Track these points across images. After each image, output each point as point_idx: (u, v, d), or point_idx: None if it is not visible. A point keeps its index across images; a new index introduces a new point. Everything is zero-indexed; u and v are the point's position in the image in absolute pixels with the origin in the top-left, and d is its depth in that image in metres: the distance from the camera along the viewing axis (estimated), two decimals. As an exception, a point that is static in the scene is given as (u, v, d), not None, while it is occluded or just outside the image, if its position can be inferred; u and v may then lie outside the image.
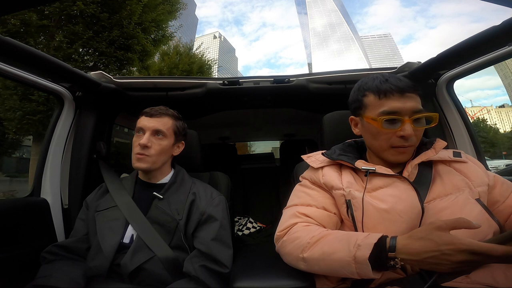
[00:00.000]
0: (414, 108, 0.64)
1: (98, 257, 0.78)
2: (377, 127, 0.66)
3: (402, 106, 0.64)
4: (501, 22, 0.69)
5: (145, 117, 0.89)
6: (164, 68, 9.77)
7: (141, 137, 0.87)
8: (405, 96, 0.64)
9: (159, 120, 0.89)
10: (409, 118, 0.64)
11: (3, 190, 10.42)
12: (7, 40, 0.70)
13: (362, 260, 0.51)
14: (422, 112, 0.65)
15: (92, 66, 6.26)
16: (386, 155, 0.69)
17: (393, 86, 0.65)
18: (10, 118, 5.79)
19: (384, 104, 0.65)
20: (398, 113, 0.64)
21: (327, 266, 0.58)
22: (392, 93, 0.65)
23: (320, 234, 0.61)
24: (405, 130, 0.63)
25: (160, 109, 0.91)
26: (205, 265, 0.76)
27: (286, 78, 1.21)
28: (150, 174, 0.92)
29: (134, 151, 0.87)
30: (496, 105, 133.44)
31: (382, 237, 0.54)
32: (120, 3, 6.01)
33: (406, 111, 0.64)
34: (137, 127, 0.90)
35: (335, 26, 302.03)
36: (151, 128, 0.88)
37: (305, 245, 0.61)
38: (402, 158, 0.68)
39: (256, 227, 1.82)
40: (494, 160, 21.10)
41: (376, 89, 0.67)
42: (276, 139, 3.08)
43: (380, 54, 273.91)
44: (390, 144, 0.66)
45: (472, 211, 0.62)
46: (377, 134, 0.68)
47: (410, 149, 0.68)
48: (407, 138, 0.64)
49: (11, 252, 0.87)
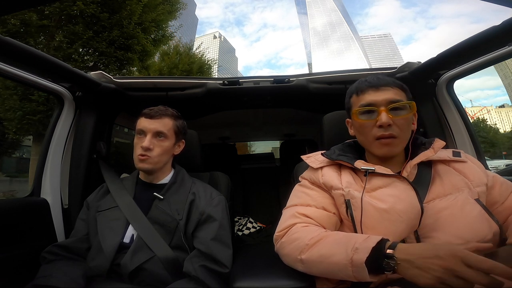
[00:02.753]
0: (390, 99, 0.68)
1: (99, 257, 0.78)
2: (357, 121, 0.72)
3: (376, 99, 0.69)
4: (501, 22, 0.69)
5: (145, 119, 0.89)
6: (164, 68, 9.76)
7: (142, 139, 0.87)
8: (380, 90, 0.70)
9: (159, 121, 0.89)
10: (385, 108, 0.67)
11: (3, 190, 10.42)
12: (7, 40, 0.70)
13: (358, 264, 0.51)
14: (398, 102, 0.68)
15: (92, 66, 6.25)
16: (373, 149, 0.71)
17: (368, 83, 0.72)
18: (10, 118, 5.78)
19: (361, 99, 0.72)
20: (373, 104, 0.69)
21: (325, 268, 0.58)
22: (367, 89, 0.71)
23: (318, 236, 0.61)
24: (381, 119, 0.67)
25: (159, 110, 0.91)
26: (205, 265, 0.76)
27: (286, 78, 1.21)
28: (152, 175, 0.92)
29: (137, 153, 0.87)
30: (496, 105, 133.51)
31: (382, 240, 0.53)
32: (120, 3, 6.01)
33: (381, 102, 0.68)
34: (137, 129, 0.89)
35: (335, 26, 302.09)
36: (152, 130, 0.88)
37: (303, 247, 0.61)
38: (388, 151, 0.69)
39: (256, 227, 1.82)
40: (494, 160, 21.10)
41: (355, 89, 0.75)
42: (276, 139, 3.08)
43: (380, 54, 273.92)
44: (373, 136, 0.69)
45: (472, 211, 0.62)
46: (360, 128, 0.72)
47: (395, 141, 0.68)
48: (384, 126, 0.66)
49: (11, 252, 0.87)
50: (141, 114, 0.91)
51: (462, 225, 0.60)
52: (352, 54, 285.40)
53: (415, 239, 0.63)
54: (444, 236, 0.61)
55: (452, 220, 0.62)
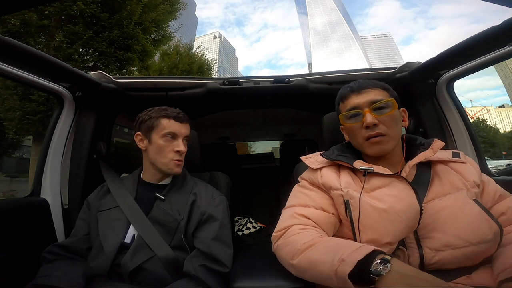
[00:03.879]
0: (371, 99, 0.71)
1: (99, 257, 0.78)
2: (346, 126, 0.76)
3: (358, 101, 0.72)
4: (501, 22, 0.69)
5: (176, 122, 0.90)
6: (164, 68, 9.75)
7: (174, 143, 0.89)
8: (361, 93, 0.73)
9: (187, 126, 0.93)
10: (368, 108, 0.70)
11: (3, 190, 10.41)
12: (7, 40, 0.70)
13: (342, 276, 0.49)
14: (379, 101, 0.70)
15: (92, 66, 6.25)
16: (365, 149, 0.73)
17: (350, 88, 0.76)
18: (10, 118, 5.78)
19: (346, 104, 0.75)
20: (357, 107, 0.72)
21: (313, 276, 0.58)
22: (349, 94, 0.75)
23: (311, 241, 0.60)
24: (366, 120, 0.69)
25: (184, 114, 0.93)
26: (205, 265, 0.76)
27: (286, 78, 1.21)
28: (160, 175, 0.92)
29: (170, 157, 0.88)
30: (496, 105, 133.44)
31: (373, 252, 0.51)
32: (120, 3, 6.00)
33: (363, 104, 0.71)
34: (168, 131, 0.88)
35: (335, 25, 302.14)
36: (184, 134, 0.91)
37: (295, 252, 0.61)
38: (379, 149, 0.70)
39: (256, 227, 1.82)
40: (494, 160, 21.07)
41: (340, 95, 0.79)
42: (276, 139, 3.08)
43: (380, 54, 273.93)
44: (362, 137, 0.71)
45: (471, 211, 0.61)
46: (350, 131, 0.75)
47: (384, 139, 0.69)
48: (370, 126, 0.69)
49: (11, 252, 0.87)
50: (165, 116, 0.89)
51: (462, 225, 0.60)
52: (352, 54, 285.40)
53: (414, 239, 0.64)
54: (444, 236, 0.61)
55: (452, 220, 0.62)
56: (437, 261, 0.61)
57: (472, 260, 0.61)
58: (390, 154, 0.72)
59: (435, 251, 0.61)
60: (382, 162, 0.72)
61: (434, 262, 0.61)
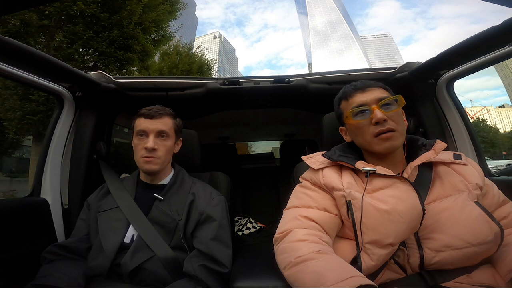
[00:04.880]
0: (378, 97, 0.71)
1: (99, 257, 0.78)
2: (352, 123, 0.74)
3: (365, 99, 0.72)
4: (501, 22, 0.69)
5: (146, 119, 0.88)
6: (164, 68, 9.75)
7: (145, 140, 0.87)
8: (367, 91, 0.73)
9: (161, 121, 0.89)
10: (376, 105, 0.70)
11: (3, 190, 10.41)
12: (7, 40, 0.70)
13: None
14: (386, 98, 0.71)
15: (92, 66, 6.25)
16: (374, 147, 0.71)
17: (354, 87, 0.76)
18: (10, 118, 5.77)
19: (351, 102, 0.75)
20: (364, 104, 0.72)
21: None
22: (355, 92, 0.75)
23: (305, 257, 0.58)
24: (376, 115, 0.68)
25: (158, 109, 0.90)
26: (205, 265, 0.76)
27: (286, 78, 1.20)
28: (154, 176, 0.92)
29: (140, 154, 0.86)
30: (496, 105, 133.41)
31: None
32: (120, 3, 6.00)
33: (371, 101, 0.71)
34: (138, 130, 0.88)
35: (335, 25, 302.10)
36: (155, 130, 0.87)
37: (287, 263, 0.60)
38: (389, 145, 0.69)
39: (256, 227, 1.82)
40: (494, 160, 21.06)
41: (343, 94, 0.79)
42: (276, 139, 3.08)
43: (380, 54, 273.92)
44: (372, 134, 0.70)
45: (472, 212, 0.61)
46: (358, 130, 0.73)
47: (395, 135, 0.68)
48: (381, 122, 0.68)
49: (11, 252, 0.87)
50: (139, 115, 0.90)
51: (462, 227, 0.60)
52: (352, 54, 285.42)
53: (415, 240, 0.64)
54: (445, 237, 0.61)
55: (452, 221, 0.61)
56: (437, 262, 0.61)
57: (471, 260, 0.61)
58: (392, 154, 0.72)
59: (436, 252, 0.61)
60: (383, 163, 0.72)
61: (434, 262, 0.61)
